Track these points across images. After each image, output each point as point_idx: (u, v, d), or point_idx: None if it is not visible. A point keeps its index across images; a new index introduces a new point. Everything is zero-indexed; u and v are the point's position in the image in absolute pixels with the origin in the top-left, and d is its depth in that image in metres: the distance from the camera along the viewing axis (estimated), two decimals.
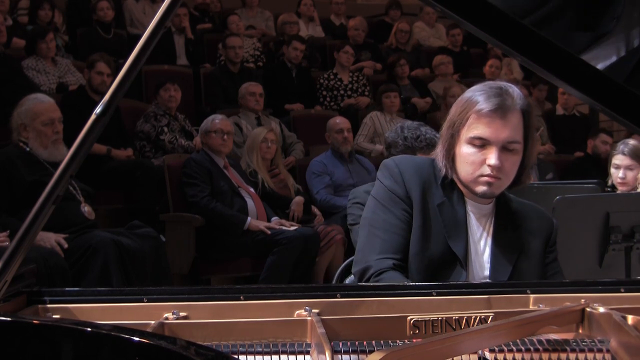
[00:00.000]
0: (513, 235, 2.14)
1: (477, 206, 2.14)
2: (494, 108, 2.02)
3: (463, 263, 2.07)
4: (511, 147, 2.04)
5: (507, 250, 2.12)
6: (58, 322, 1.41)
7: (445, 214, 2.10)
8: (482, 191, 2.06)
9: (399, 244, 2.08)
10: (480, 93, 2.06)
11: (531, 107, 2.11)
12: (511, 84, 2.11)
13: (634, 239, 3.12)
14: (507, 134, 2.02)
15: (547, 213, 2.30)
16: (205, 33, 8.50)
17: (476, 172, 2.05)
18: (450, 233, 2.08)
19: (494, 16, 1.52)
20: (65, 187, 1.52)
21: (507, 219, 2.16)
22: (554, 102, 8.18)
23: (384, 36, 9.32)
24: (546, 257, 2.20)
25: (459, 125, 2.07)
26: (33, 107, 4.36)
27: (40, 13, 7.30)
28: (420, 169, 2.15)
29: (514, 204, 2.21)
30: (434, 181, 2.13)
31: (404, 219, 2.10)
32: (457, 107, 2.10)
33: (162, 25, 1.53)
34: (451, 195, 2.12)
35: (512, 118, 2.03)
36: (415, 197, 2.10)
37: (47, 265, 3.86)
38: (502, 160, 2.03)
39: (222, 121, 5.53)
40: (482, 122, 2.03)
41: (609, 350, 1.54)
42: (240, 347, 1.53)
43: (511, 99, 2.04)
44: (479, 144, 2.04)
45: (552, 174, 6.58)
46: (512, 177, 2.10)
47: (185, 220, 5.26)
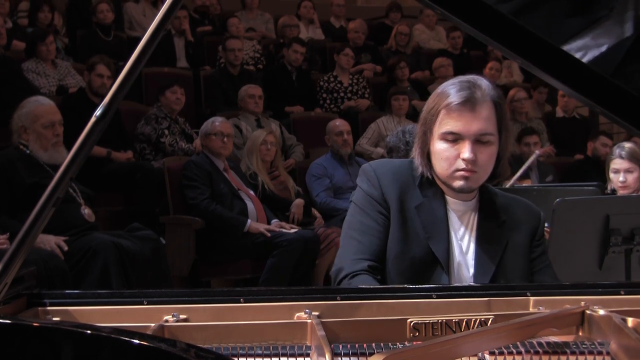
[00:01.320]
0: (498, 230, 2.12)
1: (458, 203, 2.13)
2: (462, 101, 2.00)
3: (444, 264, 2.05)
4: (484, 140, 2.03)
5: (492, 246, 2.10)
6: (58, 325, 1.41)
7: (424, 215, 2.09)
8: (460, 186, 2.05)
9: (374, 245, 2.08)
10: (449, 88, 2.05)
11: (503, 98, 2.10)
12: (481, 77, 2.10)
13: (634, 242, 3.12)
14: (479, 126, 2.01)
15: (534, 205, 2.26)
16: (205, 35, 8.51)
17: (451, 167, 2.04)
18: (430, 234, 2.07)
19: (494, 19, 1.52)
20: (65, 190, 1.52)
21: (491, 214, 2.14)
22: (554, 104, 8.18)
23: (384, 38, 9.33)
24: (533, 251, 2.17)
25: (430, 122, 2.07)
26: (33, 109, 4.36)
27: (40, 15, 7.31)
28: (398, 172, 2.14)
29: (499, 198, 2.19)
30: (413, 183, 2.13)
31: (381, 222, 2.10)
32: (428, 104, 2.09)
33: (162, 27, 1.53)
34: (430, 195, 2.11)
35: (482, 110, 2.02)
36: (392, 200, 2.09)
37: (47, 267, 3.86)
38: (476, 153, 2.01)
39: (222, 123, 5.53)
40: (452, 116, 2.02)
41: (609, 353, 1.54)
42: (240, 350, 1.53)
43: (480, 91, 2.03)
44: (452, 138, 2.03)
45: (552, 177, 6.58)
46: (489, 170, 2.08)
47: (185, 222, 5.26)
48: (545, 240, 2.23)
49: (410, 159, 2.19)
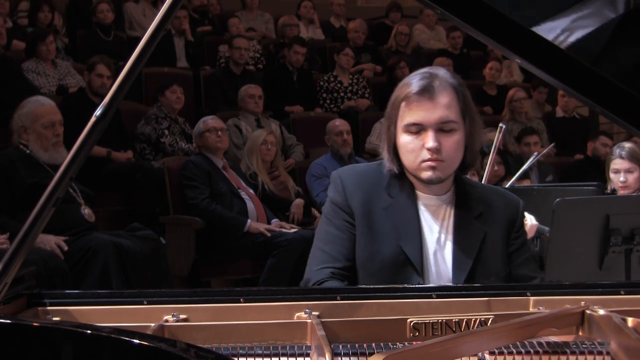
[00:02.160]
0: (475, 222, 2.10)
1: (431, 198, 2.11)
2: (420, 90, 2.00)
3: (416, 263, 2.03)
4: (447, 128, 2.02)
5: (469, 239, 2.08)
6: (58, 325, 1.41)
7: (393, 216, 2.07)
8: (428, 177, 2.03)
9: (338, 253, 2.08)
10: (408, 80, 2.05)
11: (464, 85, 2.09)
12: (441, 68, 2.10)
13: (634, 242, 3.12)
14: (439, 114, 2.00)
15: (513, 196, 2.23)
16: (205, 35, 8.51)
17: (417, 158, 2.03)
18: (400, 234, 2.06)
19: (494, 18, 1.52)
20: (65, 190, 1.52)
21: (467, 207, 2.12)
22: (554, 104, 8.18)
23: (384, 38, 9.33)
24: (512, 244, 2.14)
25: (394, 116, 2.06)
26: (34, 109, 4.36)
27: (40, 15, 7.31)
28: (364, 176, 2.14)
29: (476, 189, 2.17)
30: (380, 185, 2.12)
31: (344, 229, 2.09)
32: (390, 99, 2.09)
33: (162, 27, 1.53)
34: (400, 194, 2.10)
35: (442, 98, 2.01)
36: (357, 205, 2.08)
37: (47, 267, 3.86)
38: (440, 142, 2.00)
39: (214, 120, 5.55)
40: (412, 107, 2.02)
41: (609, 353, 1.54)
42: (240, 350, 1.53)
43: (438, 79, 2.02)
44: (415, 130, 2.02)
45: (552, 176, 6.58)
46: (457, 159, 2.07)
47: (185, 222, 5.26)
48: (525, 231, 2.20)
49: (379, 161, 2.18)
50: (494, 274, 2.08)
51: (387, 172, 2.13)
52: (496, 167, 5.28)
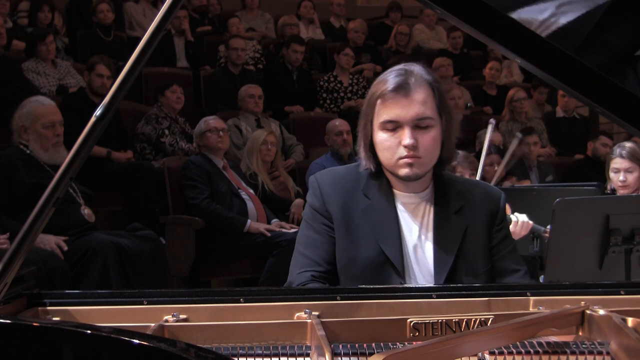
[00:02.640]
0: (455, 217, 2.09)
1: (410, 196, 2.11)
2: (395, 87, 2.00)
3: (396, 262, 2.03)
4: (424, 124, 2.01)
5: (450, 234, 2.08)
6: (58, 325, 1.41)
7: (372, 217, 2.07)
8: (405, 174, 2.03)
9: (318, 257, 2.08)
10: (383, 77, 2.05)
11: (439, 81, 2.08)
12: (416, 64, 2.09)
13: (634, 242, 3.12)
14: (415, 111, 2.00)
15: (494, 189, 2.24)
16: (205, 35, 8.51)
17: (394, 156, 2.03)
18: (379, 235, 2.06)
19: (493, 19, 1.52)
20: (65, 190, 1.52)
21: (447, 201, 2.11)
22: (554, 104, 8.18)
23: (384, 38, 9.33)
24: (494, 237, 2.13)
25: (370, 113, 2.06)
26: (34, 109, 4.36)
27: (40, 15, 7.30)
28: (341, 179, 2.14)
29: (457, 183, 2.17)
30: (358, 187, 2.12)
31: (323, 232, 2.09)
32: (366, 97, 2.09)
33: (162, 27, 1.53)
34: (378, 195, 2.10)
35: (417, 94, 2.01)
36: (334, 208, 2.09)
37: (47, 267, 3.86)
38: (417, 138, 2.00)
39: (215, 120, 5.56)
40: (388, 104, 2.01)
41: (609, 353, 1.54)
42: (240, 350, 1.53)
43: (414, 76, 2.02)
44: (391, 127, 2.02)
45: (552, 177, 6.59)
46: (434, 154, 2.06)
47: (185, 222, 5.26)
48: (507, 224, 2.18)
49: (357, 163, 2.19)
50: (476, 268, 2.08)
51: (364, 171, 2.13)
52: (496, 167, 5.28)
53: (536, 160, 6.58)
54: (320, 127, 6.48)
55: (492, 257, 2.13)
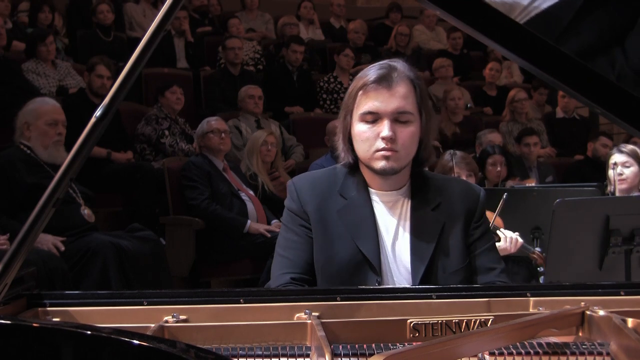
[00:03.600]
0: (433, 214, 2.09)
1: (387, 194, 2.11)
2: (378, 78, 2.01)
3: (373, 261, 2.04)
4: (403, 119, 2.02)
5: (427, 231, 2.08)
6: (58, 325, 1.41)
7: (348, 217, 2.08)
8: (381, 167, 2.03)
9: (298, 258, 2.09)
10: (366, 70, 2.06)
11: (421, 79, 2.09)
12: (400, 60, 2.10)
13: (634, 242, 3.13)
14: (396, 104, 2.00)
15: (474, 185, 2.24)
16: (206, 36, 8.51)
17: (372, 147, 2.03)
18: (355, 234, 2.06)
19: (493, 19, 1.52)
20: (65, 190, 1.52)
21: (425, 198, 2.11)
22: (554, 105, 8.18)
23: (384, 39, 9.33)
24: (471, 234, 2.12)
25: (350, 105, 2.07)
26: (39, 107, 4.41)
27: (41, 16, 7.30)
28: (318, 181, 2.15)
29: (435, 180, 2.17)
30: (334, 188, 2.12)
31: (302, 234, 2.11)
32: (348, 90, 2.09)
33: (162, 28, 1.53)
34: (354, 195, 2.10)
35: (399, 88, 2.01)
36: (311, 210, 2.10)
37: (47, 268, 3.86)
38: (395, 132, 2.00)
39: (218, 121, 5.56)
40: (370, 95, 2.02)
41: (609, 353, 1.54)
42: (240, 350, 1.53)
43: (397, 71, 2.03)
44: (371, 119, 2.02)
45: (552, 177, 6.59)
46: (412, 151, 2.06)
47: (185, 223, 5.26)
48: (485, 222, 2.18)
49: (334, 165, 2.20)
50: (453, 265, 2.07)
51: (341, 172, 2.14)
52: (499, 168, 5.29)
53: (536, 161, 6.58)
54: (320, 128, 6.47)
55: (469, 254, 2.12)
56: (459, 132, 7.19)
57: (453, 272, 2.07)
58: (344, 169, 2.16)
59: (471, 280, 2.10)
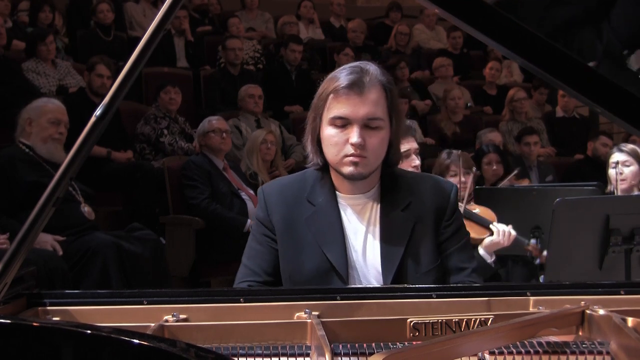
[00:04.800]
0: (402, 214, 2.07)
1: (356, 198, 2.09)
2: (349, 84, 1.98)
3: (340, 268, 2.02)
4: (373, 125, 2.00)
5: (397, 232, 2.06)
6: (58, 325, 1.41)
7: (316, 225, 2.07)
8: (349, 172, 2.01)
9: (258, 267, 2.09)
10: (338, 73, 2.03)
11: (393, 83, 2.07)
12: (372, 63, 2.08)
13: (634, 241, 3.13)
14: (366, 111, 1.98)
15: (445, 183, 2.19)
16: (205, 35, 8.50)
17: (340, 152, 2.01)
18: (322, 242, 2.05)
19: (493, 18, 1.52)
20: (65, 189, 1.52)
21: (394, 199, 2.09)
22: (554, 104, 8.17)
23: (384, 38, 9.32)
24: (442, 232, 2.10)
25: (320, 107, 2.05)
26: (43, 105, 4.44)
27: (41, 15, 7.30)
28: (286, 188, 2.14)
29: (405, 179, 2.14)
30: (302, 195, 2.11)
31: (265, 243, 2.10)
32: (319, 90, 2.07)
33: (162, 27, 1.53)
34: (322, 201, 2.09)
35: (370, 94, 1.99)
36: (277, 219, 2.09)
37: (47, 267, 3.86)
38: (364, 138, 1.98)
39: (219, 121, 5.56)
40: (340, 100, 2.00)
41: (609, 353, 1.54)
42: (240, 350, 1.53)
43: (368, 75, 2.00)
44: (340, 123, 2.00)
45: (552, 177, 6.58)
46: (381, 155, 2.05)
47: (185, 222, 5.26)
48: (458, 220, 2.13)
49: (304, 171, 2.18)
50: (425, 265, 2.06)
51: (310, 177, 2.13)
52: (495, 167, 5.29)
53: (536, 160, 6.57)
54: None
55: (440, 254, 2.10)
56: (459, 132, 7.19)
57: (425, 272, 2.05)
58: (313, 173, 2.14)
59: (444, 280, 2.09)
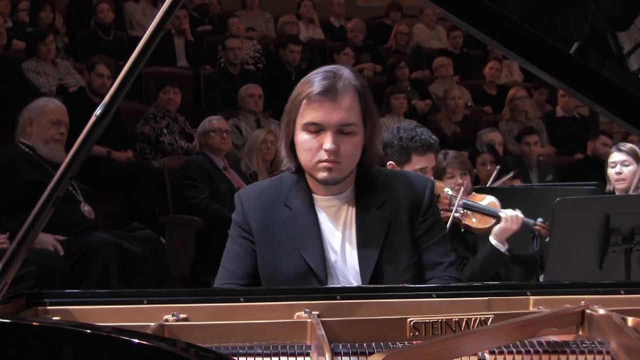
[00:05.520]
0: (378, 213, 2.07)
1: (331, 199, 2.09)
2: (322, 91, 1.97)
3: (318, 270, 2.02)
4: (347, 130, 1.99)
5: (373, 233, 2.06)
6: (58, 324, 1.41)
7: (293, 228, 2.07)
8: (323, 177, 2.01)
9: (239, 270, 2.09)
10: (311, 77, 2.03)
11: (367, 87, 2.06)
12: (345, 66, 2.07)
13: (634, 241, 3.13)
14: (340, 117, 1.97)
15: (420, 179, 2.19)
16: (206, 35, 8.50)
17: (314, 158, 2.00)
18: (300, 245, 2.05)
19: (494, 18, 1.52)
20: (65, 189, 1.52)
21: (369, 199, 2.09)
22: (554, 104, 8.17)
23: (384, 38, 9.32)
24: (417, 229, 2.10)
25: (294, 113, 2.04)
26: (44, 105, 4.44)
27: (42, 15, 7.30)
28: (263, 192, 2.14)
29: (381, 177, 2.14)
30: (279, 199, 2.11)
31: (244, 246, 2.11)
32: (292, 94, 2.07)
33: (162, 27, 1.53)
34: (298, 204, 2.09)
35: (344, 100, 1.98)
36: (254, 223, 2.10)
37: (47, 267, 3.86)
38: (338, 144, 1.98)
39: (219, 121, 5.57)
40: (313, 106, 1.99)
41: (609, 352, 1.54)
42: (240, 349, 1.53)
43: (342, 80, 1.99)
44: (314, 129, 2.00)
45: (552, 176, 6.58)
46: (355, 160, 2.04)
47: (185, 222, 5.26)
48: (433, 215, 2.12)
49: (280, 175, 2.18)
50: (402, 262, 2.06)
51: (287, 180, 2.13)
52: (489, 167, 5.29)
53: (536, 160, 6.58)
54: None
55: (416, 250, 2.10)
56: (459, 131, 7.19)
57: (403, 269, 2.05)
58: (290, 176, 2.14)
59: (422, 276, 2.09)
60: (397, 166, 3.30)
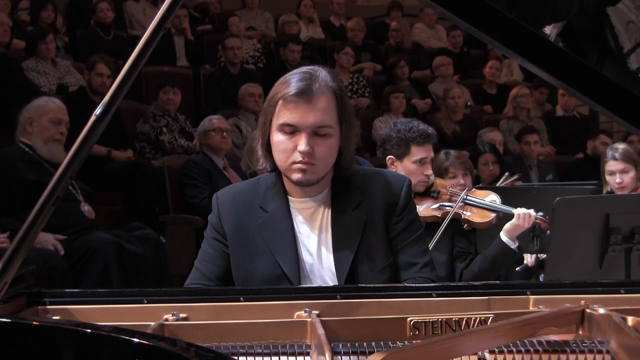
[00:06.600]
0: (354, 214, 2.06)
1: (307, 201, 2.09)
2: (298, 92, 1.96)
3: (291, 274, 2.02)
4: (322, 132, 1.98)
5: (348, 234, 2.05)
6: (58, 324, 1.41)
7: (268, 232, 2.06)
8: (297, 179, 2.00)
9: (209, 271, 2.10)
10: (288, 78, 2.01)
11: (344, 89, 2.06)
12: (322, 67, 2.06)
13: (634, 240, 3.13)
14: (315, 119, 1.97)
15: (396, 178, 2.16)
16: (206, 34, 8.50)
17: (289, 159, 2.00)
18: (275, 249, 2.05)
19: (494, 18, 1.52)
20: (65, 189, 1.52)
21: (345, 200, 2.08)
22: (554, 103, 8.17)
23: (384, 37, 9.32)
24: (392, 229, 2.09)
25: (270, 113, 2.03)
26: (44, 105, 4.44)
27: (43, 14, 7.29)
28: (239, 194, 2.14)
29: (356, 178, 2.12)
30: (255, 201, 2.11)
31: (217, 247, 2.11)
32: (269, 94, 2.05)
33: (162, 26, 1.53)
34: (274, 207, 2.08)
35: (319, 102, 1.97)
36: (229, 226, 2.09)
37: (47, 266, 3.86)
38: (313, 146, 1.97)
39: (220, 120, 5.57)
40: (289, 108, 1.98)
41: (609, 352, 1.54)
42: (240, 349, 1.53)
43: (318, 82, 1.98)
44: (289, 130, 1.99)
45: (552, 176, 6.58)
46: (330, 162, 2.04)
47: (185, 221, 5.26)
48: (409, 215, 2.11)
49: (259, 176, 2.18)
50: (377, 263, 2.05)
51: (263, 182, 2.13)
52: (491, 167, 5.28)
53: (536, 160, 6.58)
54: None
55: (392, 250, 2.09)
56: (459, 131, 7.19)
57: (379, 270, 2.05)
58: (267, 178, 2.13)
59: (398, 277, 2.08)
60: (396, 160, 3.31)
